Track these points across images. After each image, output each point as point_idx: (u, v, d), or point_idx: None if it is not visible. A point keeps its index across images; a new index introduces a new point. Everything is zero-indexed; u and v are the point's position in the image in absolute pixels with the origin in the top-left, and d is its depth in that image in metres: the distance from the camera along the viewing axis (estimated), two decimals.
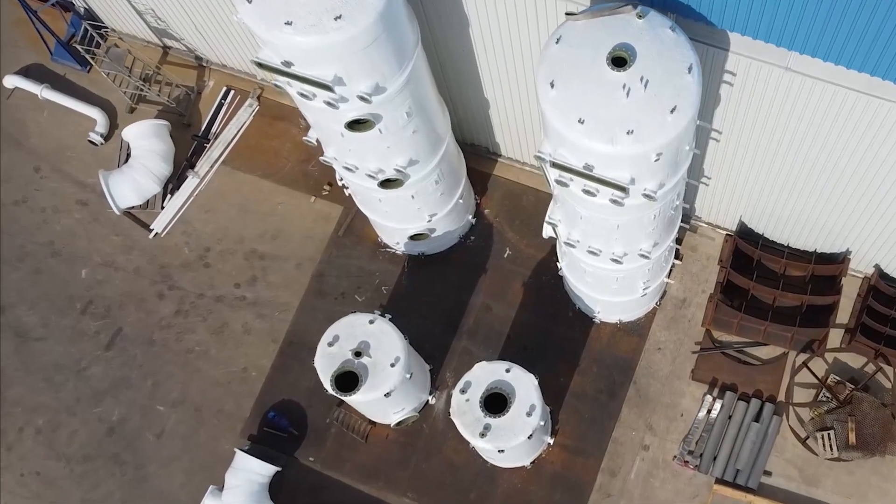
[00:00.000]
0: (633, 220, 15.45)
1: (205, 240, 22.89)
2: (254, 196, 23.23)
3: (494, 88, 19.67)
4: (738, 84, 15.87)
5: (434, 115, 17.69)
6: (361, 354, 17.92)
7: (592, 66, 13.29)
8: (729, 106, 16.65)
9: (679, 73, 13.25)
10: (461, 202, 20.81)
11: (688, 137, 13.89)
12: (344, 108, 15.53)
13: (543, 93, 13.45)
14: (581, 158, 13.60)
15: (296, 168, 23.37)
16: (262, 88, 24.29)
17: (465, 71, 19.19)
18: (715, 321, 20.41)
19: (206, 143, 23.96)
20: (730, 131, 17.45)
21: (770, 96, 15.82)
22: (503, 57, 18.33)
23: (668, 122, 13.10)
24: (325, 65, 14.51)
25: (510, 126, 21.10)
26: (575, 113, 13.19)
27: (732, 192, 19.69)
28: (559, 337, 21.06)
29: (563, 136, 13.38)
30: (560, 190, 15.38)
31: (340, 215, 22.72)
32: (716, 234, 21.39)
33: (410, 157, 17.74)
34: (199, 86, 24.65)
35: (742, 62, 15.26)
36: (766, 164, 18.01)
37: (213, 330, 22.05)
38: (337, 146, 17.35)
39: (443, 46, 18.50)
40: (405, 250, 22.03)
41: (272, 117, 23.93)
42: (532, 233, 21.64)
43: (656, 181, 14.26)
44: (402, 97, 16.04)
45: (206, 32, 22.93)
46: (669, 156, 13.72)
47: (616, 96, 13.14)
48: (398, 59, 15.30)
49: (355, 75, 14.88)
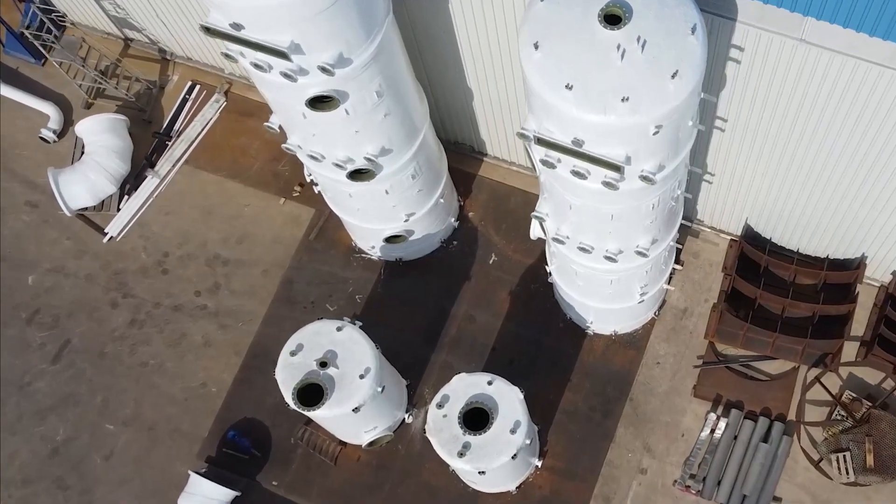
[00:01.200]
0: (629, 209, 13.68)
1: (164, 244, 21.10)
2: (218, 197, 21.49)
3: (478, 76, 17.96)
4: (747, 61, 14.17)
5: (409, 99, 15.96)
6: (328, 365, 16.09)
7: (582, 25, 11.58)
8: (735, 88, 14.94)
9: (681, 34, 11.55)
10: (442, 202, 19.06)
11: (691, 109, 12.15)
12: (304, 81, 13.78)
13: (526, 55, 11.73)
14: (569, 132, 11.85)
15: (265, 168, 21.66)
16: (230, 83, 22.66)
17: (444, 54, 17.49)
18: (719, 333, 18.62)
19: (167, 141, 22.27)
20: (736, 118, 15.74)
21: (782, 74, 14.11)
22: (487, 39, 16.63)
23: (668, 88, 11.37)
24: (280, 29, 12.79)
25: (496, 121, 19.39)
26: (562, 77, 11.46)
27: (738, 191, 17.95)
28: (549, 349, 19.24)
29: (549, 106, 11.64)
30: (547, 175, 13.63)
31: (312, 218, 20.98)
32: (720, 240, 19.65)
33: (383, 145, 15.99)
34: (163, 80, 23.03)
35: (751, 34, 13.55)
36: (775, 155, 16.28)
37: (170, 342, 20.18)
38: (300, 131, 15.60)
39: (420, 25, 16.80)
40: (381, 255, 20.26)
41: (240, 114, 22.28)
42: (520, 237, 19.89)
43: (655, 161, 12.51)
44: (371, 73, 14.31)
45: (169, 21, 21.27)
46: (670, 130, 11.97)
47: (609, 59, 11.42)
48: (365, 27, 13.59)
49: (315, 43, 13.15)
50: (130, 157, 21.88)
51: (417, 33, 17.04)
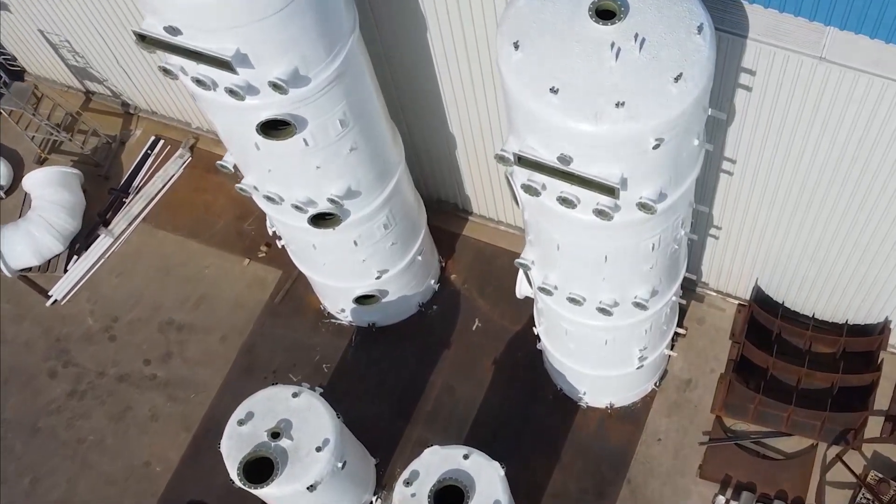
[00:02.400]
0: (625, 249, 11.82)
1: (113, 308, 19.15)
2: (177, 257, 19.65)
3: (461, 122, 16.31)
4: (759, 87, 12.50)
5: (380, 134, 14.24)
6: (280, 436, 14.00)
7: (571, 21, 9.93)
8: (745, 121, 13.25)
9: (685, 32, 9.88)
10: (420, 260, 17.21)
11: (697, 122, 10.38)
12: (254, 102, 12.08)
13: (505, 56, 10.02)
14: (555, 147, 10.05)
15: (229, 226, 19.89)
16: (196, 138, 21.07)
17: (423, 94, 15.86)
18: (727, 406, 16.57)
19: (125, 198, 20.53)
20: (745, 158, 14.01)
21: (798, 101, 12.43)
22: (471, 80, 15.04)
23: (671, 92, 9.63)
24: (223, 35, 11.11)
25: (482, 174, 17.70)
26: (546, 80, 9.73)
27: (747, 247, 16.13)
28: (537, 424, 17.14)
29: (532, 116, 9.88)
30: (531, 210, 11.81)
31: (279, 280, 19.12)
32: (727, 304, 17.75)
33: (349, 186, 14.21)
34: (124, 135, 21.46)
35: (763, 53, 11.91)
36: (790, 202, 14.51)
37: (113, 415, 18.06)
38: (255, 167, 13.83)
39: (395, 59, 15.19)
40: (353, 320, 18.31)
41: (206, 169, 20.61)
42: (507, 300, 17.95)
43: (655, 186, 10.70)
44: (333, 97, 12.61)
45: (132, 69, 19.77)
46: (673, 146, 10.19)
47: (602, 58, 9.72)
48: (324, 41, 11.92)
49: (265, 54, 11.47)
50: (82, 214, 20.15)
51: (394, 69, 15.43)
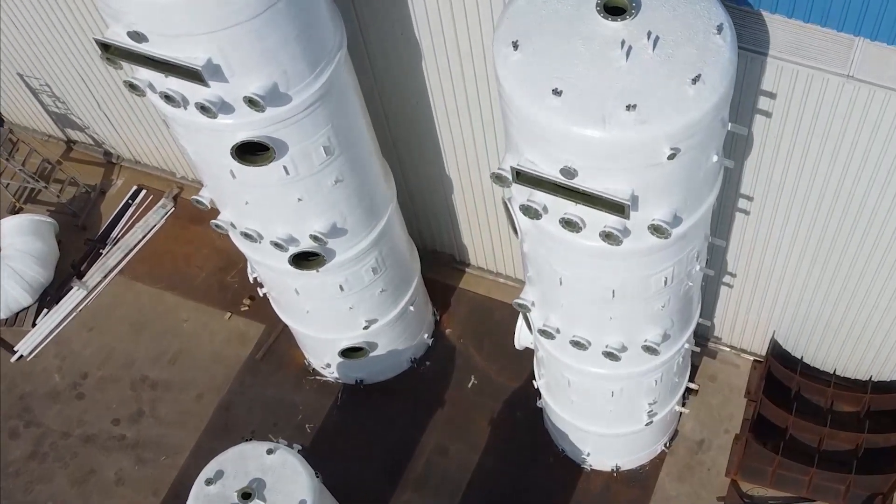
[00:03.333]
0: (635, 282, 10.65)
1: (83, 364, 17.91)
2: (153, 311, 18.47)
3: (458, 163, 15.29)
4: (779, 112, 11.50)
5: (369, 167, 13.20)
6: (252, 497, 12.63)
7: (576, 18, 8.96)
8: (764, 151, 12.21)
9: (703, 32, 8.89)
10: (412, 311, 16.02)
11: (716, 133, 9.31)
12: (228, 121, 11.06)
13: (502, 58, 9.01)
14: (558, 159, 8.96)
15: (211, 278, 18.76)
16: (181, 188, 20.09)
17: (417, 130, 14.86)
18: (743, 469, 15.18)
19: (101, 249, 19.43)
20: (764, 194, 12.94)
21: (822, 126, 11.42)
22: (469, 118, 14.08)
23: (688, 94, 8.59)
24: (193, 42, 10.11)
25: (481, 222, 16.65)
26: (548, 81, 8.69)
27: (764, 297, 14.97)
28: (536, 488, 15.74)
29: (532, 123, 8.82)
30: (531, 239, 10.68)
31: (261, 335, 17.92)
32: (741, 360, 16.52)
33: (334, 222, 13.11)
34: (105, 184, 20.48)
35: (785, 73, 10.92)
36: (811, 243, 13.42)
37: (76, 479, 16.66)
38: (232, 199, 12.75)
39: (387, 90, 14.21)
40: (339, 377, 17.05)
41: (189, 220, 19.61)
42: (505, 356, 16.76)
43: (670, 206, 9.58)
44: (317, 120, 11.60)
45: (115, 115, 18.86)
46: (689, 159, 9.11)
47: (611, 57, 8.71)
48: (308, 55, 10.94)
49: (240, 65, 10.48)
50: (54, 265, 19.04)
51: (386, 104, 14.46)
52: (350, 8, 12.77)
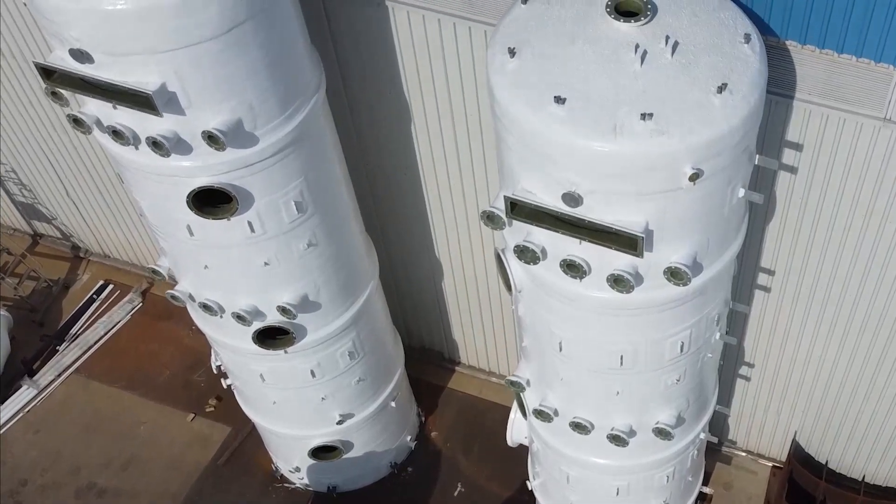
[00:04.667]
0: (647, 346, 9.17)
1: (24, 470, 16.16)
2: (109, 412, 16.85)
3: (450, 246, 14.00)
4: (806, 164, 10.25)
5: (347, 232, 11.88)
6: None
7: (583, 21, 7.84)
8: (787, 214, 10.92)
9: (729, 40, 7.73)
10: (393, 407, 14.41)
11: (743, 159, 8.00)
12: (185, 163, 9.78)
13: (497, 66, 7.80)
14: (559, 184, 7.62)
15: (176, 378, 17.21)
16: (150, 283, 18.68)
17: (405, 206, 13.61)
18: None
19: (58, 347, 17.90)
20: (787, 267, 11.61)
21: (855, 179, 10.18)
22: (462, 195, 12.88)
23: (713, 104, 7.33)
24: (145, 63, 8.90)
25: (472, 316, 15.30)
26: (549, 88, 7.45)
27: (784, 391, 13.47)
28: None
29: (529, 137, 7.55)
30: (527, 294, 9.24)
31: (226, 438, 16.22)
32: (758, 467, 14.86)
33: (305, 293, 11.67)
34: (70, 279, 19.10)
35: (813, 119, 9.77)
36: (840, 323, 12.02)
37: None
38: (190, 263, 11.34)
39: (372, 153, 13.00)
40: (309, 484, 15.25)
41: (157, 317, 18.20)
42: (495, 460, 15.12)
43: (688, 246, 8.21)
44: (288, 169, 10.33)
45: (83, 203, 17.71)
46: (713, 187, 7.80)
47: (623, 61, 7.50)
48: (279, 91, 9.74)
49: (200, 94, 9.25)
50: (3, 361, 17.43)
51: (369, 172, 13.23)
52: (332, 57, 11.64)
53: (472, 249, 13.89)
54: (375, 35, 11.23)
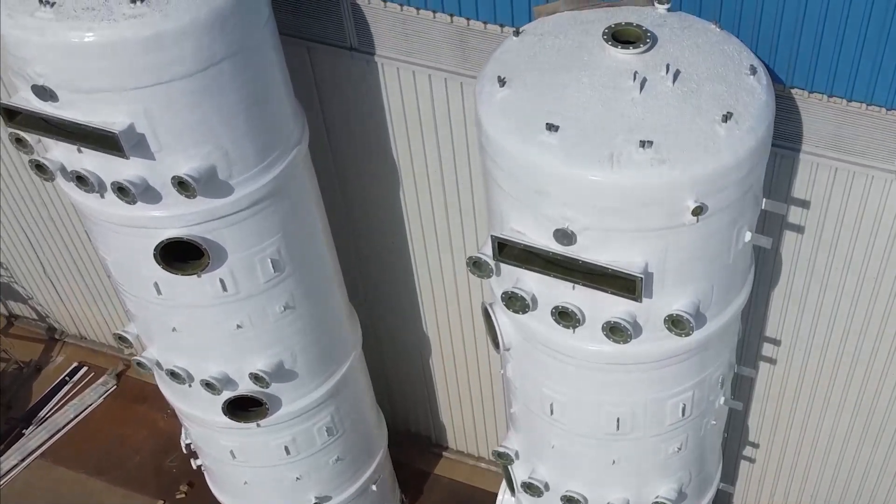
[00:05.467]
0: (645, 408, 8.43)
1: None
2: (71, 499, 15.90)
3: (438, 320, 13.37)
4: (813, 223, 9.70)
5: (327, 295, 11.25)
6: None
7: (578, 50, 7.36)
8: (794, 279, 10.31)
9: (734, 71, 7.27)
10: (374, 491, 13.52)
11: (750, 197, 7.43)
12: (154, 212, 9.19)
13: (486, 97, 7.29)
14: (551, 220, 7.03)
15: (146, 463, 16.36)
16: (127, 365, 17.99)
17: (392, 274, 12.99)
18: None
19: (24, 430, 17.05)
20: (793, 336, 10.94)
21: (866, 235, 9.62)
22: (452, 264, 12.32)
23: (718, 133, 6.80)
24: (113, 101, 8.38)
25: (462, 393, 14.54)
26: (541, 115, 6.92)
27: (791, 474, 12.62)
28: None
29: (519, 169, 7.03)
30: (517, 350, 8.56)
31: None
32: None
33: (280, 361, 10.95)
34: (42, 361, 18.37)
35: (821, 172, 9.25)
36: (852, 390, 11.28)
37: None
38: (157, 326, 10.66)
39: (358, 216, 12.40)
40: None
41: (131, 399, 17.49)
42: None
43: (692, 293, 7.58)
44: (265, 224, 9.77)
45: (60, 282, 17.10)
46: (718, 225, 7.21)
47: (621, 88, 7.02)
48: (256, 139, 9.22)
49: (171, 137, 8.71)
50: None
51: (355, 235, 12.65)
52: (317, 110, 11.16)
53: (462, 324, 13.25)
54: (363, 91, 10.79)
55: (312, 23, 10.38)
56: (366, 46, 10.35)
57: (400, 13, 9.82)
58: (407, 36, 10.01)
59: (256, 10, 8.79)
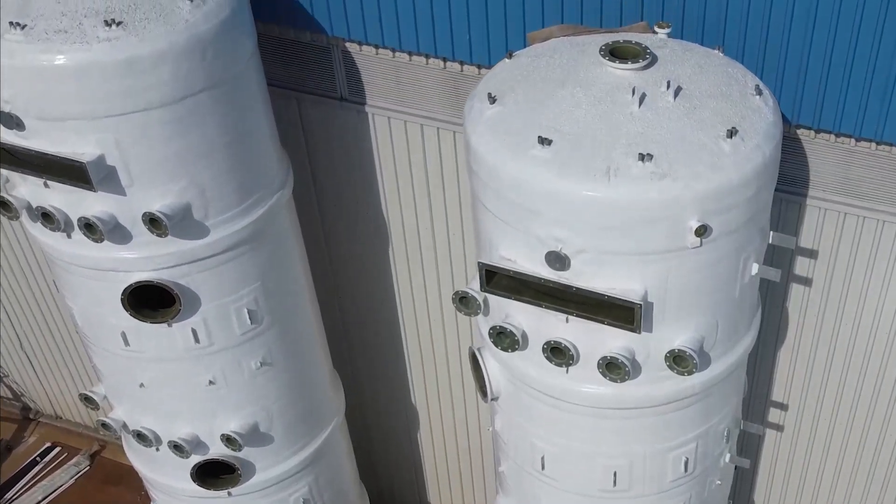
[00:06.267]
0: (645, 460, 7.75)
1: None
2: None
3: (428, 389, 12.71)
4: (821, 276, 9.18)
5: (308, 355, 10.61)
6: None
7: (573, 67, 6.96)
8: (800, 342, 9.75)
9: (738, 91, 6.87)
10: None
11: (759, 216, 6.91)
12: (123, 253, 8.67)
13: (475, 115, 6.86)
14: (543, 242, 6.51)
15: None
16: (102, 445, 17.18)
17: (381, 340, 12.38)
18: None
19: None
20: (801, 403, 10.30)
21: (878, 285, 9.06)
22: (442, 326, 11.78)
23: (722, 149, 6.34)
24: (83, 131, 7.96)
25: (451, 473, 13.73)
26: (533, 129, 6.48)
27: None
28: None
29: (508, 187, 6.58)
30: (505, 400, 7.93)
31: None
32: None
33: (255, 422, 10.26)
34: (14, 441, 17.55)
35: (829, 222, 8.77)
36: (861, 469, 10.59)
37: None
38: (124, 382, 10.01)
39: (343, 275, 11.86)
40: None
41: (104, 480, 16.58)
42: None
43: (694, 328, 6.99)
44: (242, 270, 9.26)
45: (37, 356, 16.41)
46: (722, 252, 6.69)
47: (619, 103, 6.61)
48: (236, 179, 8.74)
49: (144, 171, 8.25)
50: None
51: (341, 296, 12.08)
52: (304, 161, 10.74)
53: (452, 397, 12.57)
54: (352, 142, 10.40)
55: (302, 72, 10.06)
56: (356, 96, 10.01)
57: (392, 59, 9.49)
58: (399, 84, 9.67)
59: (240, 42, 8.44)
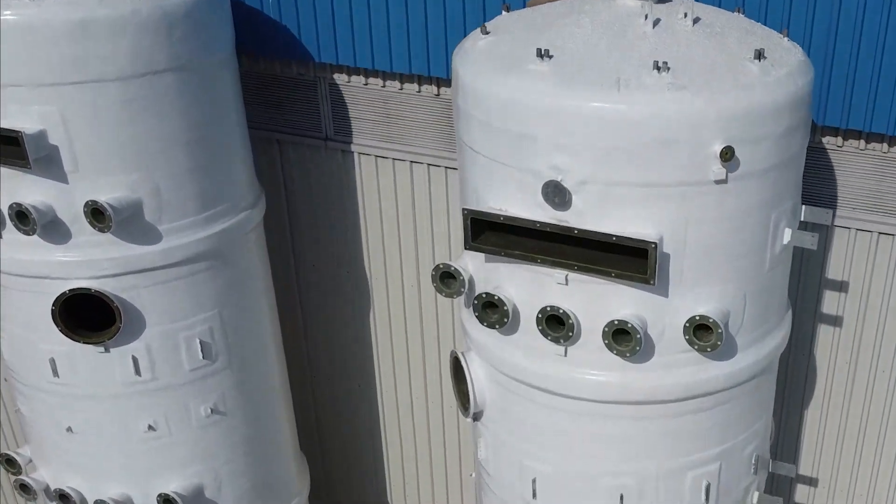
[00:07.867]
0: (655, 479, 6.44)
1: None
2: None
3: (406, 487, 11.28)
4: (852, 318, 8.10)
5: (272, 406, 9.30)
6: None
7: (580, 3, 6.17)
8: (829, 400, 8.58)
9: (764, 32, 6.08)
10: None
11: (789, 168, 5.92)
12: (60, 255, 7.66)
13: (465, 49, 6.06)
14: (538, 178, 5.53)
15: None
16: None
17: (352, 421, 11.07)
18: None
19: None
20: (830, 489, 8.94)
21: None
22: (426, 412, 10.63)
23: (750, 70, 5.47)
24: (24, 102, 7.12)
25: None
26: (528, 48, 5.62)
27: None
28: None
29: (500, 109, 5.72)
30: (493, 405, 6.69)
31: None
32: None
33: (199, 484, 8.85)
34: None
35: (860, 246, 7.85)
36: None
37: None
38: (48, 425, 8.63)
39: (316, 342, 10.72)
40: None
41: None
42: None
43: (718, 298, 5.87)
44: (197, 290, 8.20)
45: None
46: (752, 200, 5.71)
47: (630, 25, 5.78)
48: (198, 179, 7.84)
49: (92, 155, 7.35)
50: None
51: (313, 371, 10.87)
52: (282, 203, 9.81)
53: (433, 495, 11.13)
54: (336, 187, 9.57)
55: (285, 112, 9.34)
56: (342, 135, 9.26)
57: (381, 90, 8.81)
58: (388, 118, 8.95)
59: (214, 30, 7.73)
